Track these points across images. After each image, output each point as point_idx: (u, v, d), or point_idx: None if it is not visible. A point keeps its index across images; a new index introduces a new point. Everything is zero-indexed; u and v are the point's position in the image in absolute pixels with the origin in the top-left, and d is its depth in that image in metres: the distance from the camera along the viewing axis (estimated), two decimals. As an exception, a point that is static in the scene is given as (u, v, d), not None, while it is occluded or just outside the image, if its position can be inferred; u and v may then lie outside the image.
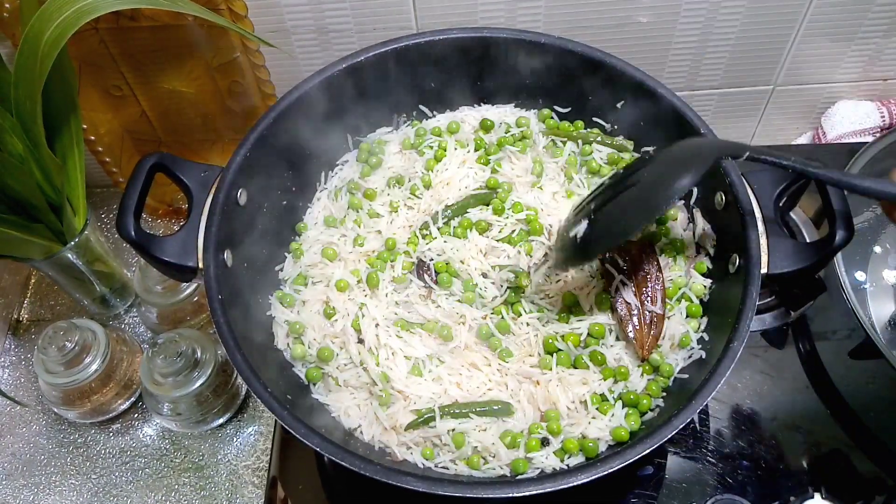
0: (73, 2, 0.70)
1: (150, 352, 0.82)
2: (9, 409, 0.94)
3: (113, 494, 0.86)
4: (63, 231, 0.85)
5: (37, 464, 0.89)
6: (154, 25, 0.84)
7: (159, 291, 0.89)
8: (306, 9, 0.88)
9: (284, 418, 0.62)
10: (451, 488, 0.59)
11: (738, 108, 1.08)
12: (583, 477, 0.58)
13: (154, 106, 0.97)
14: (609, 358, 0.71)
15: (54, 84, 0.78)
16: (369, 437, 0.70)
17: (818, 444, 0.82)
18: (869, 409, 0.84)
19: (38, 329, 1.00)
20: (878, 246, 0.92)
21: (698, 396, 0.61)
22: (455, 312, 0.73)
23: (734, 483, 0.80)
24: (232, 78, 0.92)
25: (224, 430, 0.90)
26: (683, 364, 0.71)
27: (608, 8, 0.90)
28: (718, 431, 0.84)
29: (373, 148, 0.86)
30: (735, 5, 0.90)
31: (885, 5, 0.92)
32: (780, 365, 0.88)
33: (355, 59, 0.79)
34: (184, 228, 0.70)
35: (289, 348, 0.75)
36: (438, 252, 0.77)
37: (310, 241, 0.81)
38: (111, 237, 1.08)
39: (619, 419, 0.68)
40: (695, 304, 0.74)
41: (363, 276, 0.76)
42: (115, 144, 1.00)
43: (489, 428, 0.68)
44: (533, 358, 0.72)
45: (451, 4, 0.88)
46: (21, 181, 0.76)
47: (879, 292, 0.89)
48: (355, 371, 0.72)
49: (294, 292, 0.78)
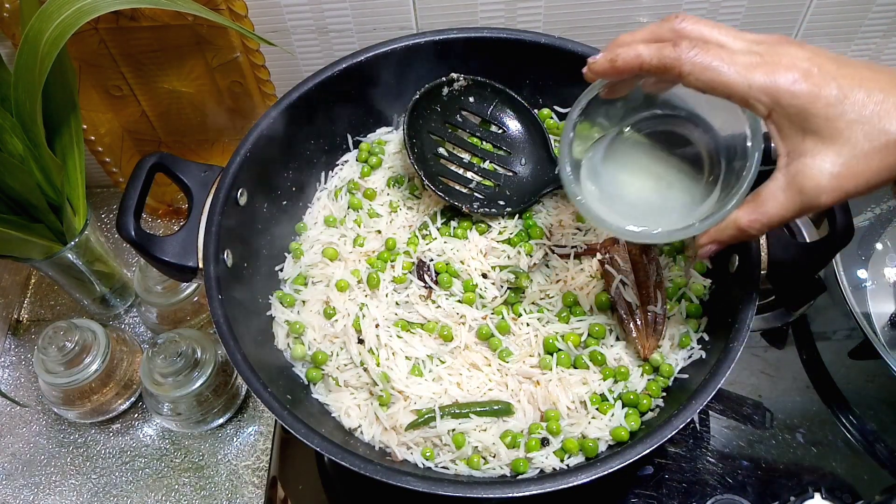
0: (73, 2, 0.70)
1: (150, 352, 0.82)
2: (9, 409, 0.94)
3: (113, 494, 0.86)
4: (63, 231, 0.85)
5: (37, 464, 0.89)
6: (154, 25, 0.84)
7: (159, 291, 0.89)
8: (306, 9, 0.88)
9: (284, 418, 0.62)
10: (451, 488, 0.59)
11: (738, 108, 1.08)
12: (583, 477, 0.59)
13: (154, 106, 0.97)
14: (609, 358, 0.71)
15: (54, 84, 0.78)
16: (369, 437, 0.70)
17: (818, 444, 0.82)
18: (869, 409, 0.84)
19: (38, 329, 1.00)
20: (879, 243, 0.92)
21: (698, 396, 0.61)
22: (455, 313, 0.73)
23: (734, 483, 0.80)
24: (232, 78, 0.92)
25: (224, 430, 0.90)
26: (683, 364, 0.71)
27: (608, 8, 0.90)
28: (718, 431, 0.84)
29: (373, 148, 0.86)
30: (735, 5, 0.90)
31: (885, 5, 0.92)
32: (780, 365, 0.88)
33: (355, 59, 0.79)
34: (184, 228, 0.70)
35: (289, 348, 0.75)
36: (438, 252, 0.77)
37: (310, 241, 0.81)
38: (111, 237, 1.08)
39: (619, 419, 0.68)
40: (695, 304, 0.74)
41: (363, 277, 0.76)
42: (115, 144, 0.99)
43: (489, 428, 0.68)
44: (533, 358, 0.72)
45: (451, 4, 0.88)
46: (21, 181, 0.76)
47: (880, 290, 0.89)
48: (355, 371, 0.72)
49: (294, 292, 0.78)
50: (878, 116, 0.46)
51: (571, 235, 0.78)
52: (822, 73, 0.47)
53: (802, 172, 0.48)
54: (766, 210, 0.51)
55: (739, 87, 0.48)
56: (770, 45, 0.49)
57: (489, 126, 0.84)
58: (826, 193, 0.48)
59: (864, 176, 0.47)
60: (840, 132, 0.46)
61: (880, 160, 0.46)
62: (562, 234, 0.78)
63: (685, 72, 0.49)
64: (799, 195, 0.49)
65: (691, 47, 0.49)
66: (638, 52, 0.51)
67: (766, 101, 0.48)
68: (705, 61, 0.48)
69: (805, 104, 0.47)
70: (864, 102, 0.46)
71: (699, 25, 0.51)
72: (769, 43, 0.49)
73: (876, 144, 0.46)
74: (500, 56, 0.82)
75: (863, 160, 0.46)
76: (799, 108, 0.47)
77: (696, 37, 0.50)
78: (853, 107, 0.46)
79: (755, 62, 0.48)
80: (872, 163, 0.46)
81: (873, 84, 0.47)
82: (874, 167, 0.46)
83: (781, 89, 0.47)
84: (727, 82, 0.48)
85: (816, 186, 0.48)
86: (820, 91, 0.46)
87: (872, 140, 0.46)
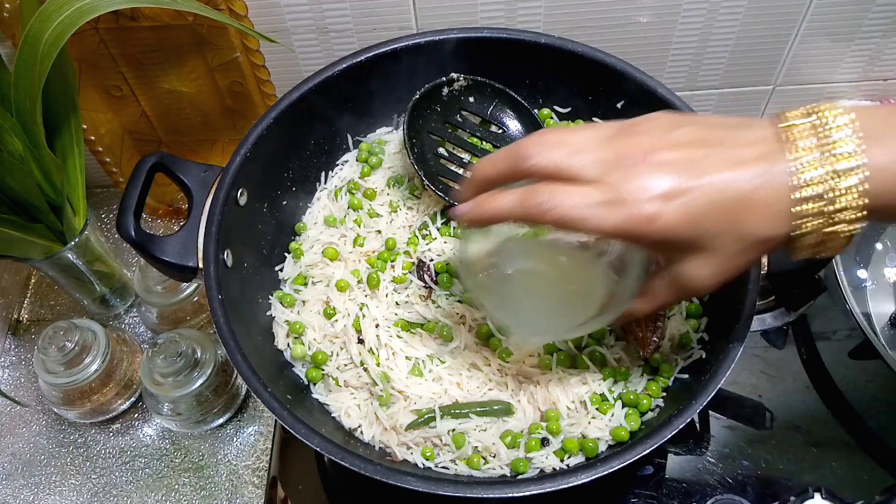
0: (73, 2, 0.70)
1: (150, 352, 0.82)
2: (9, 409, 0.94)
3: (113, 494, 0.86)
4: (63, 231, 0.85)
5: (37, 464, 0.89)
6: (154, 25, 0.84)
7: (159, 291, 0.89)
8: (306, 9, 0.88)
9: (284, 418, 0.62)
10: (451, 488, 0.59)
11: (738, 109, 1.08)
12: (583, 477, 0.59)
13: (154, 106, 0.97)
14: (609, 358, 0.71)
15: (54, 84, 0.78)
16: (369, 438, 0.70)
17: (818, 444, 0.82)
18: (870, 409, 0.84)
19: (38, 329, 1.00)
20: (879, 243, 0.92)
21: (698, 396, 0.61)
22: (455, 313, 0.73)
23: (734, 483, 0.80)
24: (232, 78, 0.92)
25: (224, 430, 0.90)
26: (683, 364, 0.71)
27: (608, 8, 0.90)
28: (718, 431, 0.84)
29: (373, 148, 0.86)
30: (735, 5, 0.90)
31: (885, 5, 0.92)
32: (780, 365, 0.88)
33: (355, 59, 0.79)
34: (184, 228, 0.70)
35: (289, 348, 0.75)
36: (438, 252, 0.77)
37: (310, 241, 0.81)
38: (111, 237, 1.08)
39: (619, 419, 0.68)
40: (695, 304, 0.74)
41: (363, 277, 0.76)
42: (115, 144, 0.99)
43: (489, 428, 0.68)
44: (533, 358, 0.72)
45: (451, 4, 0.88)
46: (21, 181, 0.76)
47: (880, 290, 0.89)
48: (355, 371, 0.72)
49: (294, 292, 0.78)
50: (736, 224, 0.48)
51: (571, 235, 0.78)
52: (676, 204, 0.48)
53: (681, 276, 0.53)
54: (658, 301, 0.57)
55: (600, 232, 0.49)
56: (624, 166, 0.49)
57: (489, 126, 0.84)
58: (705, 288, 0.53)
59: (736, 269, 0.51)
60: (706, 244, 0.49)
61: (747, 257, 0.50)
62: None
63: (549, 224, 0.50)
64: (683, 291, 0.54)
65: (548, 198, 0.49)
66: (500, 207, 0.52)
67: (629, 239, 0.50)
68: (563, 214, 0.49)
69: (664, 238, 0.49)
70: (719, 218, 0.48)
71: (549, 154, 0.50)
72: (623, 163, 0.49)
73: (742, 246, 0.49)
74: (500, 56, 0.82)
75: (732, 260, 0.50)
76: (659, 241, 0.49)
77: (550, 172, 0.50)
78: (712, 224, 0.48)
79: (609, 200, 0.48)
80: (741, 260, 0.51)
81: None
82: (743, 263, 0.51)
83: (641, 235, 0.49)
84: (588, 230, 0.49)
85: (696, 286, 0.53)
86: (676, 229, 0.48)
87: (738, 243, 0.49)
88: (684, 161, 0.48)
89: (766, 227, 0.48)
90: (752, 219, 0.48)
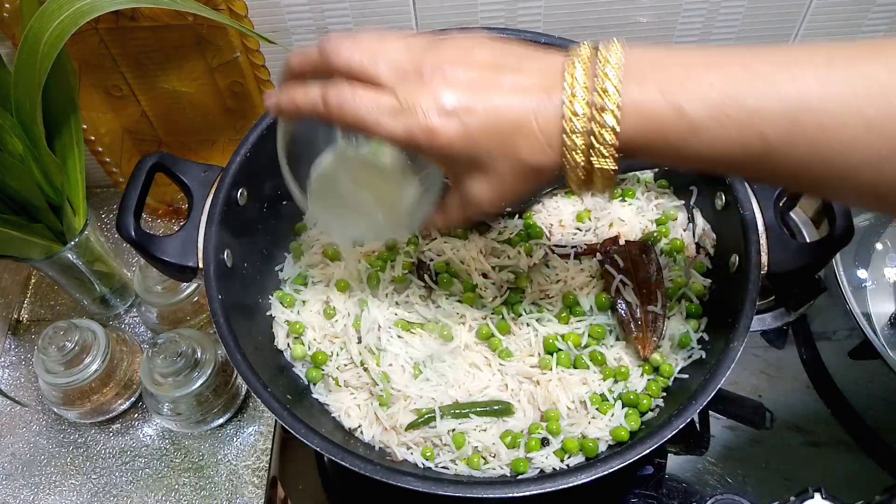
0: (73, 2, 0.70)
1: (150, 352, 0.82)
2: (9, 409, 0.94)
3: (113, 494, 0.86)
4: (63, 231, 0.85)
5: (37, 464, 0.89)
6: (154, 25, 0.84)
7: (159, 291, 0.89)
8: (306, 9, 0.88)
9: (284, 418, 0.62)
10: (452, 488, 0.59)
11: (738, 108, 1.08)
12: (583, 477, 0.59)
13: (154, 106, 0.97)
14: (609, 358, 0.71)
15: (54, 84, 0.78)
16: (369, 438, 0.70)
17: (818, 444, 0.82)
18: (870, 409, 0.84)
19: (38, 329, 1.00)
20: (879, 243, 0.92)
21: (698, 396, 0.61)
22: (455, 313, 0.73)
23: (734, 483, 0.80)
24: (232, 78, 0.92)
25: (224, 430, 0.90)
26: (683, 364, 0.71)
27: (608, 8, 0.90)
28: (718, 431, 0.84)
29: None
30: (735, 5, 0.90)
31: (885, 5, 0.92)
32: (780, 365, 0.88)
33: (355, 59, 0.79)
34: (184, 228, 0.70)
35: (289, 348, 0.75)
36: (438, 252, 0.77)
37: (310, 241, 0.81)
38: (111, 237, 1.08)
39: (619, 419, 0.68)
40: (695, 303, 0.74)
41: (363, 277, 0.76)
42: (115, 144, 0.99)
43: (489, 428, 0.68)
44: (533, 358, 0.72)
45: (451, 4, 0.88)
46: (21, 181, 0.76)
47: (880, 290, 0.89)
48: (355, 371, 0.72)
49: (294, 292, 0.78)
50: (510, 148, 0.49)
51: (571, 235, 0.78)
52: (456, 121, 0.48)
53: (465, 193, 0.54)
54: (451, 216, 0.58)
55: (385, 137, 0.50)
56: (419, 78, 0.49)
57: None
58: (487, 207, 0.54)
59: (514, 193, 0.52)
60: (484, 165, 0.50)
61: (525, 183, 0.51)
62: (562, 233, 0.78)
63: (340, 123, 0.51)
64: (468, 208, 0.55)
65: (345, 98, 0.50)
66: (300, 99, 0.53)
67: (411, 149, 0.51)
68: (354, 115, 0.50)
69: (444, 154, 0.50)
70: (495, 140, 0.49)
71: (357, 54, 0.51)
72: (420, 74, 0.49)
73: (517, 171, 0.50)
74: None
75: (509, 183, 0.51)
76: (441, 156, 0.50)
77: (354, 72, 0.51)
78: (488, 145, 0.49)
79: (398, 109, 0.49)
80: (518, 185, 0.51)
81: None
82: (521, 188, 0.52)
83: (421, 147, 0.49)
84: (374, 133, 0.50)
85: (478, 204, 0.53)
86: (454, 146, 0.49)
87: (513, 168, 0.50)
88: (474, 81, 0.49)
89: (538, 155, 0.49)
90: (525, 145, 0.48)
